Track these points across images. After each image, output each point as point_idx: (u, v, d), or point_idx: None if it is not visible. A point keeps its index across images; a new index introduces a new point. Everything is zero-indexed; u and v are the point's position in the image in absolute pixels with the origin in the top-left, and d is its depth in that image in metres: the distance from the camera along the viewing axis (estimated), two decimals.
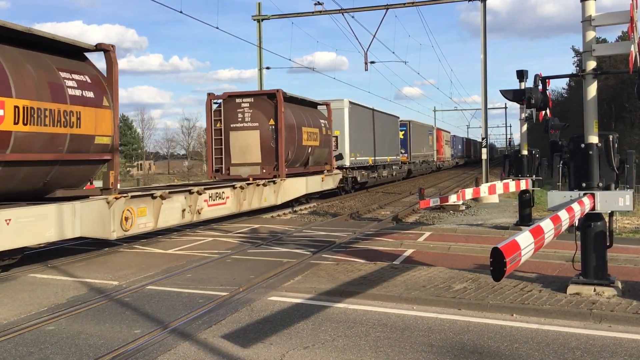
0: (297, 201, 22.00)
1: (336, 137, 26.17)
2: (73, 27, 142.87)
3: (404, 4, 27.97)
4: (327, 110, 25.56)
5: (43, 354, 6.00)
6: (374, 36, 31.00)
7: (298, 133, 20.70)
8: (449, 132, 72.15)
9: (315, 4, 28.75)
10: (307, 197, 23.09)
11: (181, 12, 19.05)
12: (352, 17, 29.18)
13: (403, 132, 42.64)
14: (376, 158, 33.05)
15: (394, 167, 38.32)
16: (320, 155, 23.57)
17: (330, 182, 24.51)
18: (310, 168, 22.48)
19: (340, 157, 26.27)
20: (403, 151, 42.35)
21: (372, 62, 33.26)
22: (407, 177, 44.02)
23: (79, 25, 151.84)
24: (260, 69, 31.79)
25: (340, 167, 26.61)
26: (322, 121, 23.93)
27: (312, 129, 22.21)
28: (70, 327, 6.88)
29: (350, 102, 28.22)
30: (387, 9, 28.09)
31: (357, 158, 29.03)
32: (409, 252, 11.54)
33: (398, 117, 41.04)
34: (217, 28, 22.89)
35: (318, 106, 25.00)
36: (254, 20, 31.71)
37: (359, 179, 29.77)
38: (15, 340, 6.43)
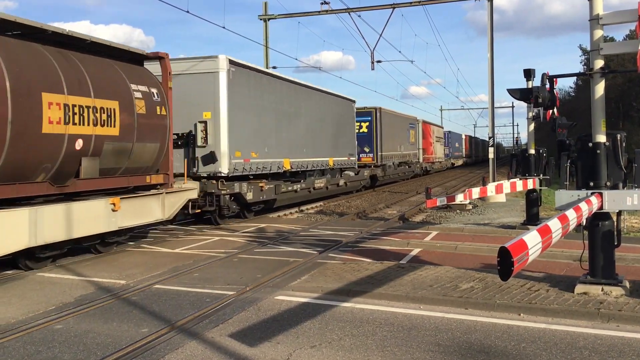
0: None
1: (204, 122, 15.84)
2: (80, 27, 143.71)
3: (411, 2, 27.92)
4: (163, 70, 13.89)
5: (51, 352, 6.04)
6: (381, 35, 31.07)
7: (24, 106, 9.53)
8: (442, 128, 60.52)
9: (322, 4, 28.71)
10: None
11: (188, 11, 18.98)
12: (359, 16, 29.21)
13: (367, 123, 31.75)
14: (303, 160, 21.55)
15: (344, 172, 27.04)
16: (132, 157, 12.41)
17: (154, 209, 12.99)
18: (81, 184, 11.11)
19: (211, 158, 15.88)
20: (367, 150, 31.68)
21: (379, 62, 32.83)
22: (373, 186, 32.25)
23: (86, 25, 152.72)
24: (267, 69, 31.82)
25: (212, 177, 15.99)
26: (141, 89, 12.65)
27: (92, 100, 11.00)
28: (78, 326, 6.92)
29: (233, 62, 16.24)
30: (394, 8, 28.05)
31: (254, 160, 17.47)
32: (415, 251, 11.53)
33: (353, 102, 28.46)
34: (224, 28, 22.80)
35: (145, 62, 13.91)
36: (261, 19, 31.74)
37: (248, 196, 17.13)
38: (23, 339, 6.47)
